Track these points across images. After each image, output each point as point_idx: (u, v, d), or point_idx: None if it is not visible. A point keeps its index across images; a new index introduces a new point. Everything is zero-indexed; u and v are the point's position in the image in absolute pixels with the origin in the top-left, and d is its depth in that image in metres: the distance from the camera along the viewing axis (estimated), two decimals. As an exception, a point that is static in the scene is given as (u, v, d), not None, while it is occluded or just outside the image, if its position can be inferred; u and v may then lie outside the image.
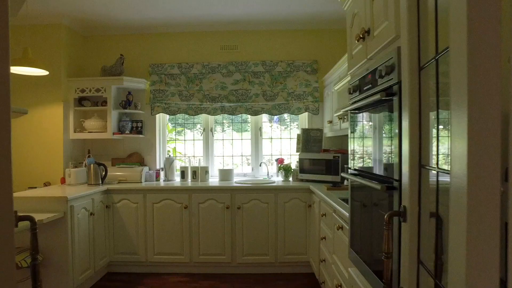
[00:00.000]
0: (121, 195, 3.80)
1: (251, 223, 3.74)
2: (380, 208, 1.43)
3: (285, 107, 4.25)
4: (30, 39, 4.01)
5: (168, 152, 4.58)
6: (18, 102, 4.03)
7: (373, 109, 1.52)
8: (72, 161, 4.14)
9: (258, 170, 4.47)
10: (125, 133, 4.23)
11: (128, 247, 3.80)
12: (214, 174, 4.51)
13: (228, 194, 3.75)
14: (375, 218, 1.49)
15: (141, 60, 4.41)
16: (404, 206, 0.99)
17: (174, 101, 4.33)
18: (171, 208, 3.78)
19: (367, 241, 1.61)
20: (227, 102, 4.28)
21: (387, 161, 1.36)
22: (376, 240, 1.47)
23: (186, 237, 3.78)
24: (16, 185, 3.99)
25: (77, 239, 3.21)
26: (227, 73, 4.29)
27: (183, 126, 4.69)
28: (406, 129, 0.99)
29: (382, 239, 1.06)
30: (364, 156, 1.69)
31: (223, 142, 4.61)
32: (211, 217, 3.76)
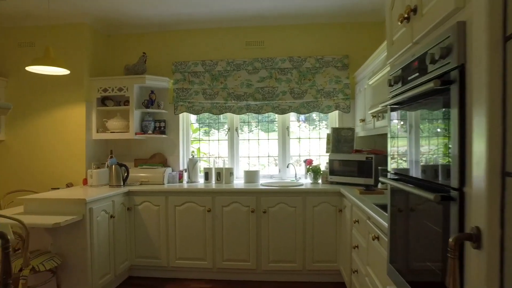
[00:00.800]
0: (142, 197, 3.68)
1: (277, 228, 3.52)
2: (429, 221, 1.18)
3: (314, 105, 4.00)
4: (53, 39, 3.98)
5: (192, 153, 4.43)
6: (42, 102, 4.00)
7: (420, 102, 1.27)
8: (95, 161, 4.07)
9: (285, 171, 4.25)
10: (147, 133, 4.12)
11: (150, 251, 3.68)
12: (239, 175, 4.33)
13: (254, 197, 3.55)
14: (424, 233, 1.24)
15: (164, 58, 4.29)
16: (477, 227, 0.75)
17: (198, 100, 4.17)
18: (193, 211, 3.62)
19: (412, 259, 1.36)
20: (253, 100, 4.08)
21: (440, 165, 1.11)
22: (425, 261, 1.22)
23: (209, 242, 3.61)
24: (40, 185, 3.96)
25: (96, 242, 3.10)
26: (252, 70, 4.09)
27: (209, 126, 4.52)
28: (481, 125, 0.74)
29: (436, 261, 0.82)
30: (407, 158, 1.43)
31: (248, 142, 4.42)
32: (235, 221, 3.57)
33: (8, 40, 4.08)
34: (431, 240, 1.17)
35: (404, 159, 1.47)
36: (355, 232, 2.79)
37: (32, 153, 4.03)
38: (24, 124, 4.04)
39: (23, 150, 4.04)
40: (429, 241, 1.18)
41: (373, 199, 2.72)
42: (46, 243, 3.02)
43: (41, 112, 4.02)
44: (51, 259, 2.81)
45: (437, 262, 1.12)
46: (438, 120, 1.13)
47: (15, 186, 3.99)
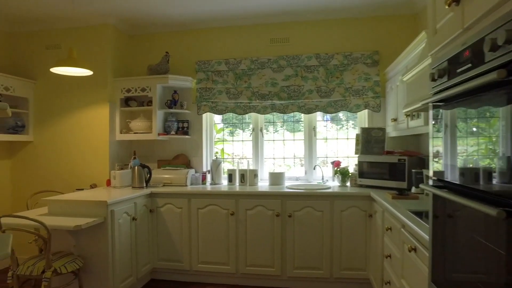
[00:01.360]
0: (165, 199, 3.61)
1: (303, 233, 3.36)
2: (487, 239, 1.01)
3: (342, 104, 3.81)
4: (78, 41, 3.99)
5: (216, 154, 4.33)
6: (67, 103, 4.01)
7: (474, 97, 1.09)
8: (119, 162, 4.04)
9: (311, 173, 4.07)
10: (170, 134, 4.05)
11: (172, 254, 3.60)
12: (263, 177, 4.19)
13: (279, 200, 3.40)
14: (478, 252, 1.06)
15: (187, 57, 4.21)
16: None
17: (222, 100, 4.07)
18: (216, 214, 3.52)
19: (460, 281, 1.18)
20: (278, 99, 3.93)
21: (499, 173, 0.94)
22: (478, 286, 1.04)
23: (232, 246, 3.49)
24: (65, 186, 3.97)
25: (118, 245, 3.04)
26: (277, 68, 3.95)
27: (234, 126, 4.41)
28: None
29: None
30: (455, 163, 1.26)
31: (273, 142, 4.27)
32: (259, 225, 3.44)
33: (36, 43, 4.12)
34: (488, 262, 0.99)
35: (451, 163, 1.29)
36: (387, 240, 2.59)
37: (58, 154, 4.05)
38: (51, 125, 4.07)
39: (50, 151, 4.07)
40: (486, 263, 1.01)
41: (407, 204, 2.51)
42: (69, 244, 2.99)
43: (66, 113, 4.03)
44: (73, 261, 2.77)
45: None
46: (500, 119, 0.96)
47: (42, 187, 4.02)
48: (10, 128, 3.92)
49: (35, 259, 2.72)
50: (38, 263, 2.65)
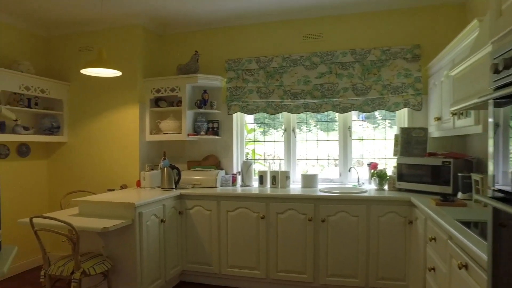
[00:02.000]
0: (194, 200, 3.54)
1: (337, 239, 3.18)
2: None
3: (379, 103, 3.58)
4: (109, 42, 4.02)
5: (247, 155, 4.22)
6: (98, 104, 4.05)
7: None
8: (149, 163, 4.02)
9: (346, 175, 3.87)
10: (200, 134, 3.98)
11: (201, 257, 3.52)
12: (296, 179, 4.03)
13: (311, 204, 3.24)
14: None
15: (217, 56, 4.13)
16: None
17: (252, 99, 3.95)
18: (246, 217, 3.40)
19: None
20: (311, 98, 3.76)
21: None
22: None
23: (262, 251, 3.36)
24: (98, 186, 4.01)
25: (146, 247, 3.00)
26: (310, 66, 3.77)
27: (268, 125, 4.28)
28: None
29: None
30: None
31: (306, 143, 4.10)
32: (291, 229, 3.29)
33: (70, 46, 4.19)
34: None
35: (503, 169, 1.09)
36: (430, 251, 2.36)
37: (90, 154, 4.09)
38: (83, 126, 4.12)
39: (83, 151, 4.12)
40: None
41: (453, 212, 2.28)
42: (98, 245, 2.98)
43: (98, 114, 4.06)
44: (102, 262, 2.75)
45: None
46: None
47: (76, 187, 4.08)
48: (46, 129, 4.01)
49: (66, 259, 2.72)
50: (68, 263, 2.64)
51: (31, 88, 3.73)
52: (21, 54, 3.98)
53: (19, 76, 3.61)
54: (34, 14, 3.79)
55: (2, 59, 3.76)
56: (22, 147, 3.97)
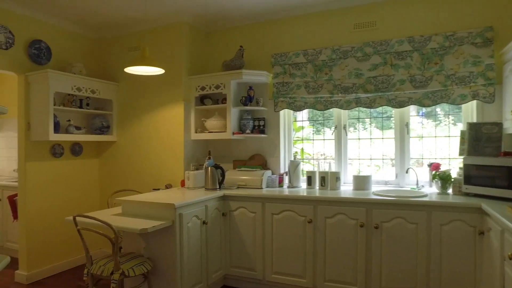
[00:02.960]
0: (238, 202, 3.40)
1: (392, 248, 2.85)
2: None
3: (441, 95, 3.17)
4: (154, 41, 4.03)
5: (295, 154, 4.00)
6: (145, 103, 4.09)
7: None
8: (194, 163, 3.96)
9: (403, 177, 3.50)
10: (246, 133, 3.84)
11: (245, 262, 3.38)
12: (347, 180, 3.74)
13: (363, 208, 2.94)
14: None
15: (263, 51, 3.95)
16: None
17: (300, 95, 3.72)
18: (292, 221, 3.19)
19: None
20: (363, 92, 3.44)
21: None
22: None
23: (309, 258, 3.13)
24: (143, 185, 4.03)
25: (187, 249, 2.91)
26: (362, 57, 3.46)
27: (320, 124, 4.03)
28: None
29: None
30: None
31: (359, 141, 3.79)
32: (340, 235, 3.02)
33: (119, 46, 4.27)
34: None
35: None
36: (510, 270, 1.98)
37: (137, 153, 4.14)
38: (130, 125, 4.18)
39: (130, 150, 4.18)
40: None
41: (537, 224, 1.88)
42: (139, 246, 2.95)
43: (144, 113, 4.10)
44: (142, 264, 2.70)
45: None
46: None
47: (123, 186, 4.15)
48: (97, 129, 4.12)
49: (107, 259, 2.71)
50: (108, 263, 2.62)
51: (83, 89, 3.84)
52: (75, 56, 4.13)
53: (71, 78, 3.73)
54: (87, 17, 3.91)
55: (58, 63, 3.92)
56: (75, 146, 4.11)
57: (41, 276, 3.78)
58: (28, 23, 3.69)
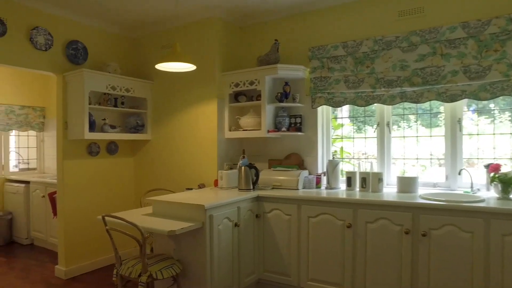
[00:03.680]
0: (272, 203, 3.23)
1: (443, 259, 2.54)
2: None
3: (502, 87, 2.80)
4: (186, 37, 3.97)
5: (334, 153, 3.76)
6: (178, 101, 4.03)
7: None
8: (228, 162, 3.83)
9: (455, 179, 3.15)
10: (281, 131, 3.66)
11: (279, 266, 3.20)
12: (390, 182, 3.45)
13: (409, 213, 2.66)
14: None
15: (299, 44, 3.74)
16: None
17: (339, 90, 3.48)
18: (330, 225, 2.97)
19: None
20: (409, 86, 3.14)
21: None
22: None
23: (348, 265, 2.89)
24: (177, 185, 3.98)
25: (217, 252, 2.78)
26: (408, 47, 3.15)
27: (362, 122, 3.77)
28: None
29: None
30: None
31: (404, 140, 3.48)
32: (382, 242, 2.76)
33: (153, 44, 4.25)
34: None
35: None
36: None
37: (171, 152, 4.09)
38: (164, 124, 4.14)
39: (164, 149, 4.14)
40: None
41: None
42: (170, 248, 2.86)
43: (177, 111, 4.04)
44: (171, 266, 2.61)
45: None
46: None
47: (157, 185, 4.12)
48: (132, 127, 4.12)
49: (136, 260, 2.64)
50: (137, 265, 2.56)
51: (117, 88, 3.85)
52: (111, 56, 4.16)
53: (106, 77, 3.75)
54: (121, 17, 3.92)
55: (95, 62, 3.96)
56: (111, 145, 4.14)
57: (78, 272, 3.84)
58: (66, 24, 3.75)
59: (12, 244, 5.11)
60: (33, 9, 3.49)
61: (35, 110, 5.51)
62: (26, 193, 4.98)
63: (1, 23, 3.27)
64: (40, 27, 3.52)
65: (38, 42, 3.51)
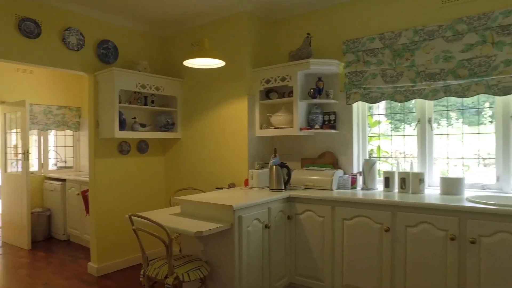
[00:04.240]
0: (305, 204, 3.08)
1: (495, 269, 2.30)
2: None
3: None
4: (215, 34, 3.88)
5: (370, 152, 3.55)
6: (207, 99, 3.97)
7: None
8: (259, 161, 3.71)
9: (508, 181, 2.86)
10: (314, 128, 3.49)
11: (312, 271, 3.04)
12: (432, 183, 3.19)
13: (455, 217, 2.43)
14: None
15: (333, 37, 3.56)
16: None
17: (376, 85, 3.27)
18: (366, 228, 2.78)
19: None
20: (454, 78, 2.88)
21: None
22: None
23: (386, 272, 2.69)
24: (207, 184, 3.91)
25: (246, 255, 2.67)
26: (453, 37, 2.90)
27: (398, 120, 3.55)
28: None
29: None
30: None
31: (447, 137, 3.21)
32: (424, 248, 2.54)
33: (183, 42, 4.21)
34: None
35: None
36: None
37: (201, 150, 4.03)
38: (194, 122, 4.08)
39: (194, 148, 4.09)
40: None
41: None
42: (198, 249, 2.78)
43: (207, 109, 3.98)
44: (199, 268, 2.53)
45: None
46: None
47: (187, 184, 4.08)
48: (162, 126, 4.09)
49: (163, 261, 2.58)
50: (163, 266, 2.49)
51: (147, 86, 3.83)
52: (141, 54, 4.16)
53: (135, 75, 3.74)
54: (150, 16, 3.91)
55: (125, 61, 3.97)
56: (142, 143, 4.13)
57: (110, 270, 3.86)
58: (97, 24, 3.78)
59: (50, 239, 5.27)
60: (66, 10, 3.54)
61: (71, 110, 5.66)
62: (63, 190, 5.11)
63: (36, 25, 3.33)
64: (73, 28, 3.56)
65: (70, 43, 3.55)
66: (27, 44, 3.30)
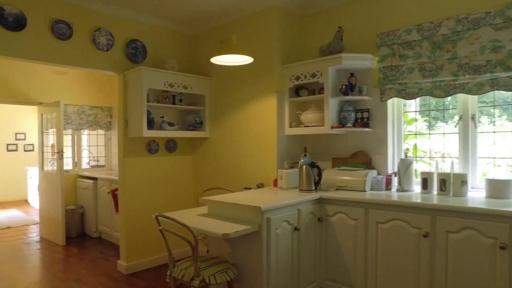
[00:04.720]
0: (336, 206, 2.94)
1: (551, 282, 2.06)
2: None
3: None
4: (244, 30, 3.80)
5: (406, 151, 3.34)
6: (236, 97, 3.90)
7: None
8: (288, 160, 3.60)
9: None
10: (346, 126, 3.33)
11: (343, 276, 2.89)
12: (476, 185, 2.95)
13: (505, 224, 2.21)
14: None
15: (366, 31, 3.38)
16: None
17: (413, 80, 3.07)
18: (403, 232, 2.60)
19: None
20: (503, 70, 2.64)
21: None
22: None
23: (424, 280, 2.50)
24: (235, 184, 3.84)
25: (274, 258, 2.56)
26: (502, 24, 2.65)
27: (434, 117, 3.33)
28: None
29: None
30: None
31: (493, 135, 2.96)
32: (468, 257, 2.33)
33: (210, 40, 4.17)
34: None
35: None
36: None
37: (229, 149, 3.96)
38: (223, 120, 4.02)
39: (222, 147, 4.03)
40: None
41: None
42: (225, 250, 2.71)
43: (235, 108, 3.90)
44: (225, 271, 2.45)
45: None
46: None
47: (215, 183, 4.02)
48: (190, 125, 4.06)
49: (189, 262, 2.52)
50: (189, 268, 2.43)
51: (175, 85, 3.81)
52: (169, 53, 4.15)
53: (163, 74, 3.72)
54: (178, 14, 3.89)
55: (153, 61, 3.97)
56: (170, 142, 4.12)
57: (138, 268, 3.87)
58: (126, 24, 3.79)
59: (83, 236, 5.40)
60: (96, 10, 3.57)
61: (103, 110, 5.76)
62: (95, 189, 5.21)
63: (68, 27, 3.38)
64: (102, 28, 3.58)
65: (100, 43, 3.58)
66: (60, 45, 3.35)
